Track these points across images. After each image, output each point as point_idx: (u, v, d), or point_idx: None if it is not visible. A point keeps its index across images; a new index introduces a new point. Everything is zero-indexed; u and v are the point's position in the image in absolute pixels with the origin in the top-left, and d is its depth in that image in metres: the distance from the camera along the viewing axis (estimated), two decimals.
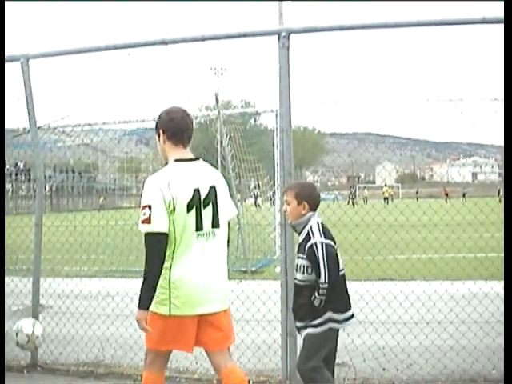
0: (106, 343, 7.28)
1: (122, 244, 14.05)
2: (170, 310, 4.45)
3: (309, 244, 4.78)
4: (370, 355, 6.95)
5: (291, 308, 5.17)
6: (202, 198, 4.52)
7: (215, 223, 4.58)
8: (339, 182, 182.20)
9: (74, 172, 60.89)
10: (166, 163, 4.70)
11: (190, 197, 4.46)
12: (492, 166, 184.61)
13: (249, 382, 6.29)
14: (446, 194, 55.17)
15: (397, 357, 6.85)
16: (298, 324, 4.99)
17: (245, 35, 6.15)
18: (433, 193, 72.33)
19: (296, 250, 5.15)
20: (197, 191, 4.49)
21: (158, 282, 4.40)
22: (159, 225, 4.37)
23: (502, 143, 4.37)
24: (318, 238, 4.78)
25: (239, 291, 8.06)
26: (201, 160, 4.74)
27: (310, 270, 4.81)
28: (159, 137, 4.71)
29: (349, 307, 4.94)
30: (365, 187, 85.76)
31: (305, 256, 4.81)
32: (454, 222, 10.05)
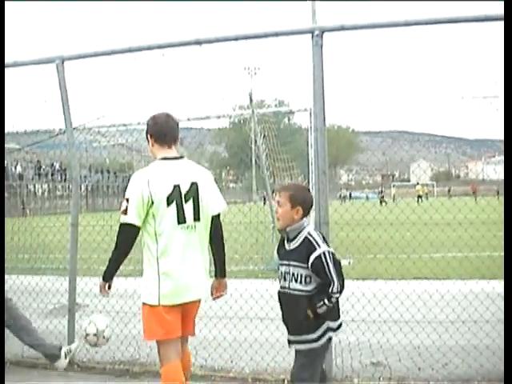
0: (142, 342, 7.28)
1: None
2: (159, 300, 4.79)
3: (315, 254, 4.55)
4: (406, 354, 6.91)
5: (283, 320, 4.90)
6: (183, 193, 4.83)
7: (196, 217, 4.89)
8: (373, 180, 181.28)
9: (109, 172, 61.09)
10: None
11: (169, 192, 4.78)
12: None
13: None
14: (474, 192, 53.88)
15: (432, 356, 6.81)
16: (292, 338, 4.77)
17: (278, 34, 6.13)
18: (467, 191, 71.48)
19: (277, 255, 4.98)
20: (177, 187, 4.82)
21: (121, 263, 5.06)
22: (132, 217, 4.78)
23: None
24: (324, 248, 4.60)
25: (274, 290, 8.05)
26: (185, 158, 5.06)
27: (308, 280, 4.62)
28: (148, 141, 5.07)
29: (339, 314, 4.82)
30: (393, 186, 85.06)
31: (307, 266, 4.59)
32: (489, 219, 9.89)
